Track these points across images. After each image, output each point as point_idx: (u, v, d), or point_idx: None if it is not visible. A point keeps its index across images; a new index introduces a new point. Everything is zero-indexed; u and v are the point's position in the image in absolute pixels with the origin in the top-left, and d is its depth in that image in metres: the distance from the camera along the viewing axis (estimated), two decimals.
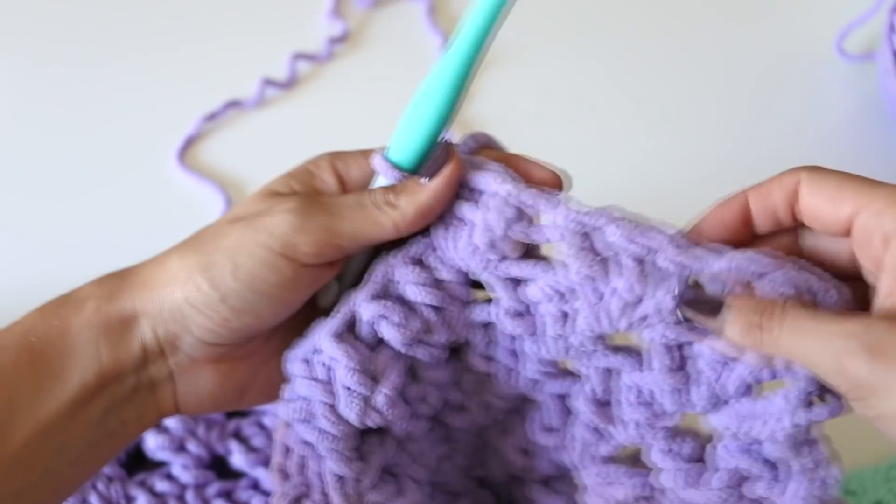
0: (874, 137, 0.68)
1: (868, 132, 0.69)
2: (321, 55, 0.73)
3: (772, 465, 0.36)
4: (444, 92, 0.38)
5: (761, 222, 0.36)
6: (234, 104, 0.70)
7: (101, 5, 0.76)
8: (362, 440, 0.39)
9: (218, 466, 0.52)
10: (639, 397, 0.37)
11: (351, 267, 0.41)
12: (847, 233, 0.34)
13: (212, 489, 0.51)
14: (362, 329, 0.38)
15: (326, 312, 0.39)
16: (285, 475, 0.39)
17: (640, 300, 0.35)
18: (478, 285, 0.39)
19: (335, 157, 0.41)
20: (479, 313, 0.38)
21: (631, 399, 0.37)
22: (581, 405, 0.38)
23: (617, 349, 0.37)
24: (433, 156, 0.38)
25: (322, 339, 0.37)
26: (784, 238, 0.36)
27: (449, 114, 0.38)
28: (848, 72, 0.71)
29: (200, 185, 0.66)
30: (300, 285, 0.38)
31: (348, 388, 0.37)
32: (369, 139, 0.69)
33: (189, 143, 0.69)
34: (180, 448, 0.51)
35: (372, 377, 0.37)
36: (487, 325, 0.39)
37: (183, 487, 0.51)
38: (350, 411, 0.37)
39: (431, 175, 0.37)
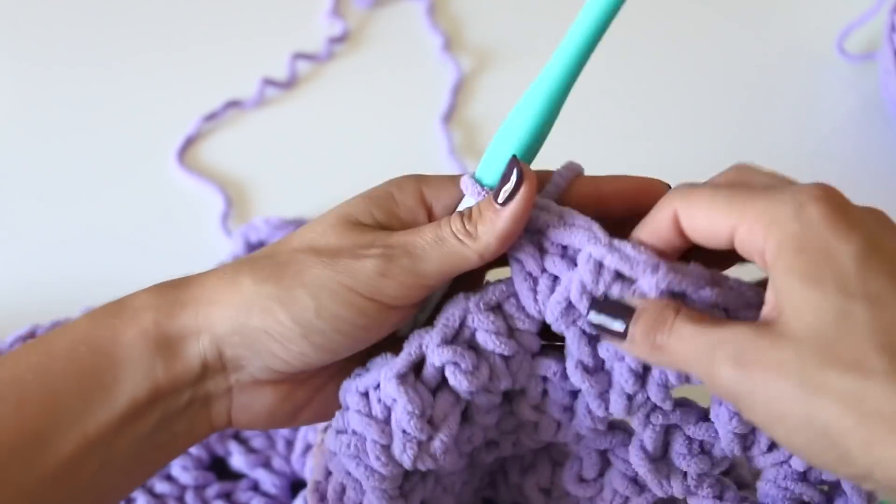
0: (875, 137, 0.68)
1: (869, 132, 0.69)
2: (321, 55, 0.73)
3: (823, 488, 0.36)
4: (536, 112, 0.38)
5: (676, 247, 0.35)
6: (233, 104, 0.70)
7: (101, 5, 0.76)
8: (406, 478, 0.38)
9: (218, 467, 0.52)
10: (701, 447, 0.37)
11: (434, 304, 0.40)
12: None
13: (211, 490, 0.51)
14: (429, 373, 0.37)
15: (391, 339, 0.38)
16: (322, 497, 0.38)
17: None
18: (544, 335, 0.38)
19: (421, 181, 0.39)
20: (545, 369, 0.37)
21: (694, 449, 0.37)
22: (635, 460, 0.37)
23: (680, 402, 0.37)
24: (510, 180, 0.36)
25: (385, 378, 0.36)
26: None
27: (539, 135, 0.38)
28: (848, 71, 0.71)
29: (200, 185, 0.66)
30: (385, 326, 0.37)
31: (405, 432, 0.36)
32: (369, 139, 0.69)
33: (189, 143, 0.68)
34: None
35: (430, 422, 0.36)
36: (546, 378, 0.38)
37: (183, 488, 0.51)
38: (404, 455, 0.36)
39: (502, 192, 0.36)
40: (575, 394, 0.38)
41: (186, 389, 0.36)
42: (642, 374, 0.36)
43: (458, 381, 0.36)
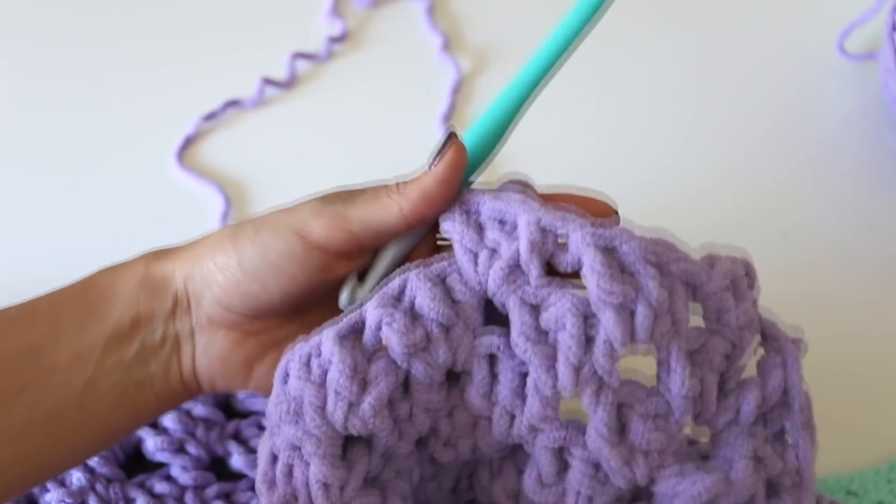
0: (875, 137, 0.68)
1: (869, 132, 0.68)
2: (321, 55, 0.73)
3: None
4: (497, 107, 0.41)
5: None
6: (233, 104, 0.70)
7: (101, 5, 0.76)
8: (348, 448, 0.39)
9: (217, 468, 0.52)
10: (655, 422, 0.37)
11: (378, 278, 0.41)
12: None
13: (211, 491, 0.51)
14: (367, 336, 0.38)
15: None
16: (271, 484, 0.39)
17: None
18: (490, 321, 0.39)
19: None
20: (487, 344, 0.38)
21: (649, 425, 0.37)
22: (594, 444, 0.37)
23: (626, 382, 0.38)
24: (442, 149, 0.40)
25: (325, 338, 0.38)
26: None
27: (491, 135, 0.41)
28: (849, 71, 0.71)
29: (200, 185, 0.66)
30: (308, 265, 0.40)
31: (336, 391, 0.37)
32: (369, 139, 0.69)
33: (188, 143, 0.68)
34: (180, 449, 0.51)
35: (362, 384, 0.37)
36: (494, 362, 0.38)
37: (182, 489, 0.51)
38: (335, 414, 0.37)
39: (433, 158, 0.40)
40: (524, 377, 0.38)
41: (160, 324, 0.42)
42: (586, 342, 0.36)
43: (390, 338, 0.37)
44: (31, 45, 0.74)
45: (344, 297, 0.42)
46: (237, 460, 0.51)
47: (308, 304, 0.42)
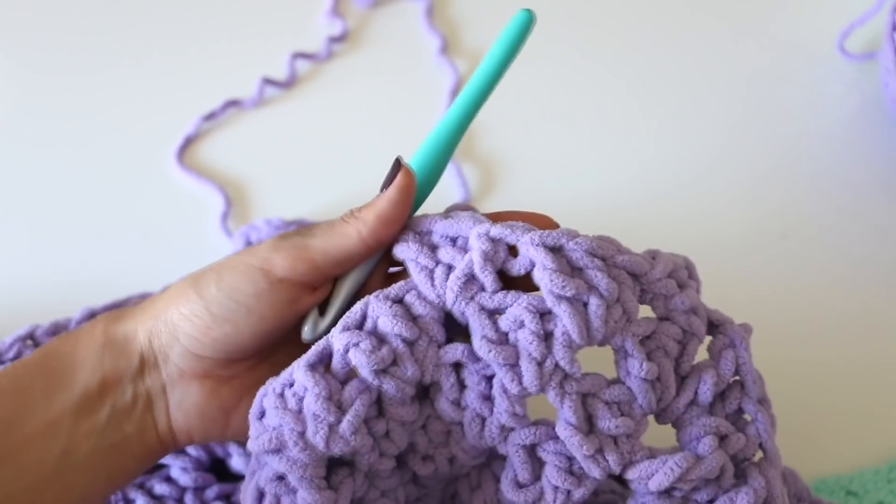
0: (875, 137, 0.68)
1: (869, 132, 0.68)
2: (320, 54, 0.73)
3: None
4: (435, 135, 0.43)
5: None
6: (233, 104, 0.70)
7: (101, 5, 0.76)
8: (331, 474, 0.40)
9: (217, 469, 0.52)
10: (620, 409, 0.39)
11: (338, 308, 0.43)
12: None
13: (211, 492, 0.51)
14: (335, 362, 0.39)
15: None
16: None
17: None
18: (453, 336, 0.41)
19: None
20: (451, 352, 0.40)
21: (615, 412, 0.39)
22: (565, 435, 0.39)
23: (587, 374, 0.39)
24: (392, 175, 0.42)
25: (296, 369, 0.39)
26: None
27: (438, 149, 0.43)
28: (849, 71, 0.71)
29: (200, 185, 0.66)
30: (275, 300, 0.41)
31: (315, 415, 0.38)
32: (369, 138, 0.69)
33: (188, 143, 0.68)
34: (180, 450, 0.51)
35: (338, 405, 0.38)
36: (459, 369, 0.40)
37: (182, 490, 0.51)
38: (317, 437, 0.38)
39: (385, 184, 0.42)
40: (490, 379, 0.39)
41: (129, 384, 0.42)
42: (545, 337, 0.38)
43: (359, 359, 0.38)
44: (32, 45, 0.74)
45: (307, 330, 0.42)
46: (237, 461, 0.51)
47: (277, 343, 0.43)
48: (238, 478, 0.52)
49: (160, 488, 0.50)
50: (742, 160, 0.68)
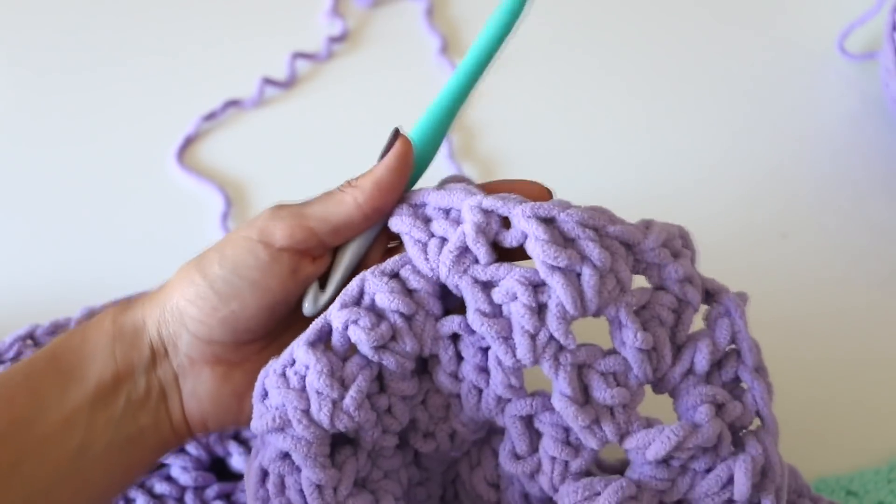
0: (875, 137, 0.68)
1: (869, 132, 0.68)
2: (321, 54, 0.73)
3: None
4: (430, 112, 0.43)
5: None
6: (233, 104, 0.70)
7: (101, 5, 0.76)
8: (335, 452, 0.40)
9: (218, 468, 0.52)
10: (616, 379, 0.39)
11: (338, 281, 0.43)
12: None
13: (211, 491, 0.51)
14: (335, 339, 0.39)
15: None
16: (264, 501, 0.40)
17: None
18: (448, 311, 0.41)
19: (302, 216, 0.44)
20: (448, 324, 0.40)
21: (610, 382, 0.39)
22: (560, 406, 0.39)
23: (581, 344, 0.39)
24: (389, 143, 0.42)
25: (297, 347, 0.39)
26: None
27: (439, 128, 0.43)
28: (849, 71, 0.71)
29: (200, 185, 0.66)
30: (278, 270, 0.41)
31: (318, 392, 0.38)
32: (368, 138, 0.69)
33: (188, 143, 0.68)
34: (180, 449, 0.51)
35: (341, 382, 0.39)
36: (456, 341, 0.40)
37: (182, 489, 0.51)
38: (321, 414, 0.38)
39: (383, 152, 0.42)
40: (486, 351, 0.40)
41: (141, 376, 0.41)
42: (538, 309, 0.38)
43: (358, 336, 0.38)
44: (32, 45, 0.74)
45: (308, 303, 0.42)
46: (237, 461, 0.51)
47: (284, 324, 0.43)
48: (238, 477, 0.52)
49: (160, 487, 0.50)
50: (742, 160, 0.68)
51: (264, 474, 0.40)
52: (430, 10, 0.75)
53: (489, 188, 0.42)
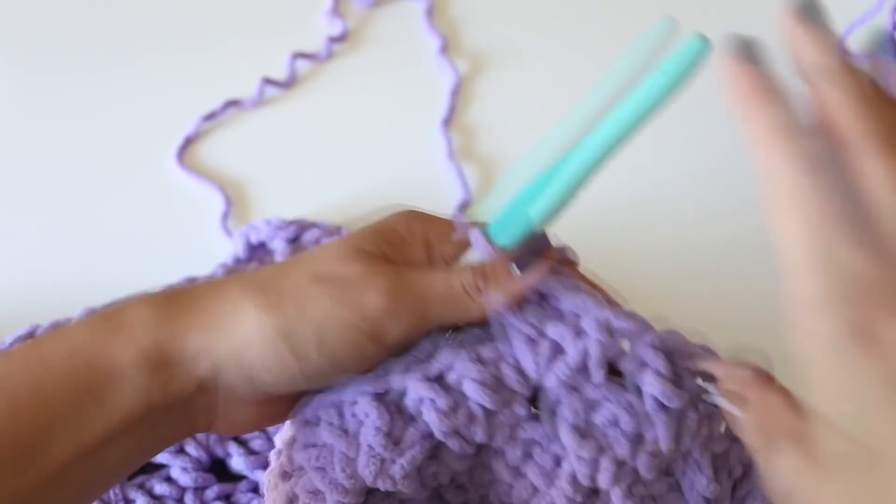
0: None
1: None
2: (321, 54, 0.73)
3: None
4: (566, 183, 0.38)
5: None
6: (233, 104, 0.70)
7: (101, 5, 0.76)
8: (368, 496, 0.38)
9: (218, 469, 0.52)
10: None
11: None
12: None
13: (211, 492, 0.51)
14: (405, 401, 0.37)
15: None
16: None
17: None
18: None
19: (427, 225, 0.40)
20: (531, 432, 0.38)
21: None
22: None
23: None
24: (532, 248, 0.38)
25: (361, 394, 0.37)
26: None
27: (565, 203, 0.38)
28: None
29: (200, 185, 0.66)
30: (380, 359, 0.38)
31: (370, 447, 0.36)
32: (369, 139, 0.69)
33: (188, 143, 0.68)
34: (179, 450, 0.51)
35: (396, 443, 0.37)
36: (532, 442, 0.39)
37: (182, 490, 0.51)
38: (366, 469, 0.36)
39: (519, 260, 0.38)
40: (559, 460, 0.38)
41: (177, 404, 0.36)
42: (636, 440, 0.37)
43: (431, 418, 0.36)
44: (31, 44, 0.74)
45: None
46: (237, 462, 0.51)
47: None
48: (238, 478, 0.52)
49: (160, 488, 0.50)
50: (742, 160, 0.67)
51: (294, 498, 0.38)
52: (430, 10, 0.75)
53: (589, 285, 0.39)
